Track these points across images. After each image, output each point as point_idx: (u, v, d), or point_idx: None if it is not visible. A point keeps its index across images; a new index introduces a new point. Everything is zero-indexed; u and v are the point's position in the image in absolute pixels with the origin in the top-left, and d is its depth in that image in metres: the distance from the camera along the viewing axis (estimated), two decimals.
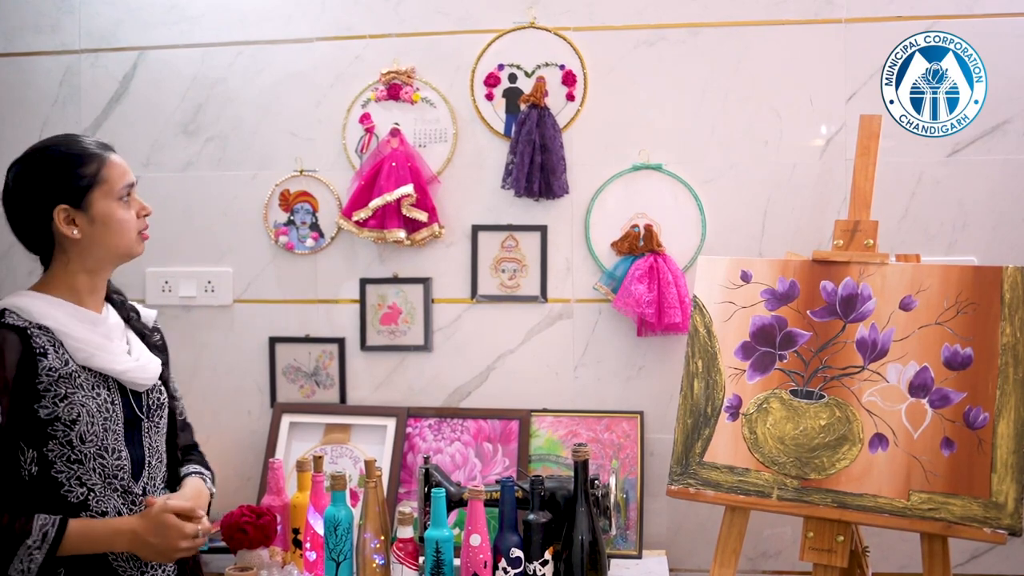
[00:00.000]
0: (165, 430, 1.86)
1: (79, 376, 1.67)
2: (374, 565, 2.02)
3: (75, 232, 1.69)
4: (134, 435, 1.75)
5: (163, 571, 1.79)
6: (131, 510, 1.73)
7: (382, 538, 2.03)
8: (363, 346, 2.67)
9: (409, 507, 2.05)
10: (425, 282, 2.64)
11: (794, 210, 2.51)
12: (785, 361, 2.09)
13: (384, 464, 2.53)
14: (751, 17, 2.52)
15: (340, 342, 2.67)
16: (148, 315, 1.93)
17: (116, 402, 1.72)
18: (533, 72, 2.58)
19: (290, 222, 2.68)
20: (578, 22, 2.57)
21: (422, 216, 2.55)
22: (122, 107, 2.77)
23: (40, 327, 1.65)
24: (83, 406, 1.65)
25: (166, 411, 1.85)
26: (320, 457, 2.22)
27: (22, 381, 1.61)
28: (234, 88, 2.72)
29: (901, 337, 2.02)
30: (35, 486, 1.64)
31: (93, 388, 1.68)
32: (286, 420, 2.64)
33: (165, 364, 1.91)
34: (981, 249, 2.45)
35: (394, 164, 2.55)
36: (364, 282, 2.67)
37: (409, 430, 2.60)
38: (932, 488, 1.93)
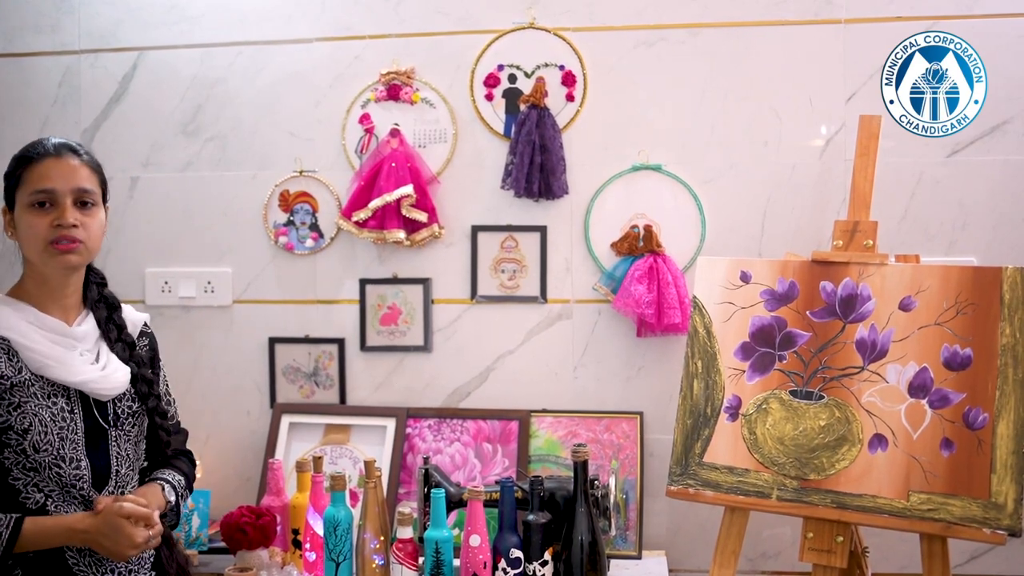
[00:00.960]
0: (140, 438, 1.83)
1: (33, 385, 1.65)
2: (373, 565, 2.03)
3: (11, 234, 1.71)
4: (99, 444, 1.73)
5: (127, 570, 1.76)
6: None
7: (382, 538, 2.03)
8: (363, 347, 2.67)
9: (409, 507, 2.05)
10: (425, 282, 2.64)
11: (794, 210, 2.51)
12: (785, 362, 2.09)
13: (384, 465, 2.53)
14: (751, 17, 2.52)
15: (340, 342, 2.67)
16: (136, 321, 1.88)
17: (76, 411, 1.70)
18: (533, 72, 2.58)
19: (290, 222, 2.68)
20: (578, 22, 2.57)
21: (422, 217, 2.55)
22: (122, 107, 2.77)
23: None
24: (35, 415, 1.64)
25: (139, 420, 1.81)
26: (320, 458, 2.23)
27: None
28: (234, 88, 2.72)
29: (901, 338, 2.02)
30: None
31: (48, 397, 1.66)
32: (286, 420, 2.64)
33: (155, 373, 1.89)
34: (981, 249, 2.45)
35: (394, 164, 2.55)
36: (364, 282, 2.67)
37: (409, 431, 2.60)
38: (931, 489, 1.93)
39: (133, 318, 1.88)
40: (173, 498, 1.85)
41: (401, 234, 2.55)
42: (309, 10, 2.68)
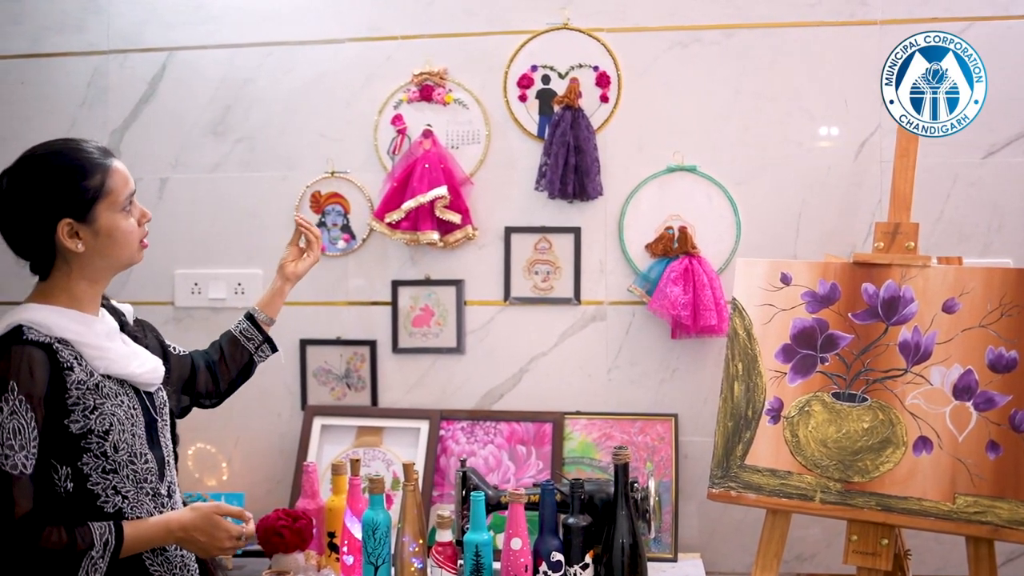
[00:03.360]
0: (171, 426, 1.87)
1: (104, 386, 1.65)
2: (413, 569, 2.01)
3: (79, 246, 1.65)
4: (154, 436, 1.75)
5: (189, 571, 1.79)
6: (161, 512, 1.74)
7: (420, 542, 2.02)
8: (395, 348, 2.66)
9: (447, 510, 2.04)
10: (457, 284, 2.63)
11: (829, 212, 2.51)
12: (827, 364, 2.09)
13: (417, 467, 2.52)
14: (785, 18, 2.51)
15: (372, 344, 2.66)
16: (128, 312, 1.88)
17: (136, 406, 1.71)
18: (567, 73, 2.57)
19: (321, 223, 2.67)
20: (612, 23, 2.56)
21: (455, 218, 2.54)
22: (151, 108, 2.76)
23: (61, 340, 1.62)
24: (113, 415, 1.64)
25: (169, 407, 1.85)
26: (357, 460, 2.21)
27: (51, 398, 1.58)
28: (263, 89, 2.71)
29: (944, 340, 2.01)
30: (71, 502, 1.63)
31: (116, 396, 1.67)
32: (317, 423, 2.63)
33: (160, 343, 1.94)
34: (1017, 251, 2.44)
35: (427, 166, 2.54)
36: (396, 284, 2.66)
37: (442, 433, 2.59)
38: (978, 491, 1.92)
39: (125, 309, 1.88)
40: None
41: (435, 235, 2.54)
42: (339, 10, 2.67)
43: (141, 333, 1.87)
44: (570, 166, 2.50)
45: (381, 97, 2.65)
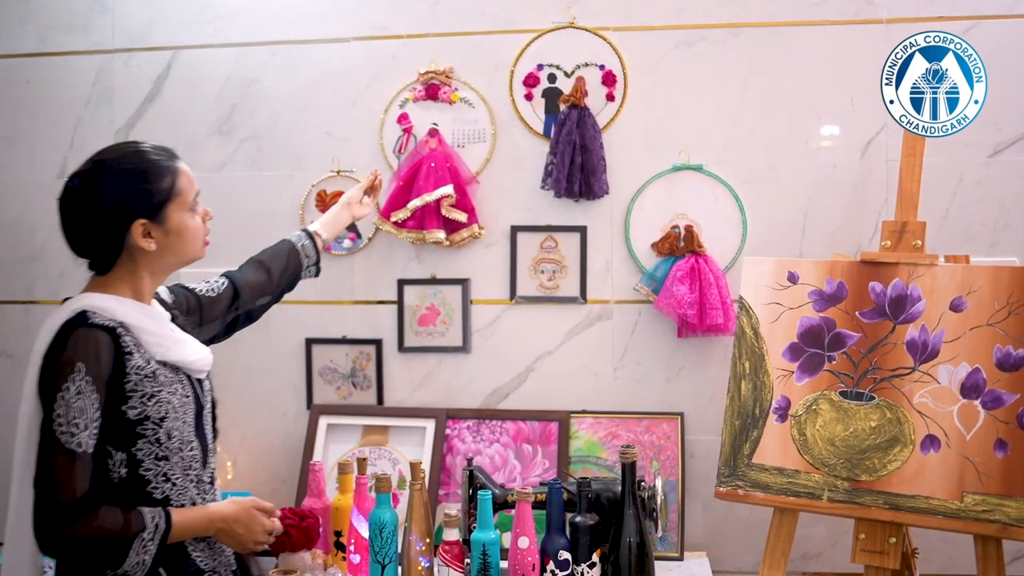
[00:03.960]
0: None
1: (160, 374, 1.68)
2: (420, 568, 2.01)
3: (151, 244, 1.70)
4: (200, 423, 1.77)
5: (226, 557, 1.82)
6: (204, 499, 1.77)
7: (427, 540, 2.02)
8: (401, 347, 2.66)
9: (454, 509, 2.04)
10: (463, 283, 2.63)
11: (835, 211, 2.51)
12: (834, 362, 2.09)
13: (424, 466, 2.52)
14: (791, 17, 2.51)
15: (377, 343, 2.66)
16: (166, 296, 1.91)
17: (189, 393, 1.74)
18: (572, 72, 2.57)
19: None
20: (618, 22, 2.56)
21: (462, 217, 2.55)
22: (156, 107, 2.76)
23: (122, 325, 1.65)
24: (168, 402, 1.67)
25: (212, 396, 1.87)
26: (363, 459, 2.21)
27: (113, 382, 1.62)
28: (269, 88, 2.71)
29: (952, 338, 2.01)
30: (123, 487, 1.66)
31: (171, 383, 1.70)
32: (323, 422, 2.63)
33: (198, 300, 2.00)
34: (1023, 249, 2.44)
35: (433, 164, 2.54)
36: (402, 283, 2.66)
37: (448, 432, 2.59)
38: (986, 490, 1.92)
39: (164, 295, 1.91)
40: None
41: (441, 234, 2.54)
42: (344, 9, 2.67)
43: (180, 312, 1.90)
44: (576, 165, 2.50)
45: (387, 96, 2.65)
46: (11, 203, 2.84)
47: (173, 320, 1.81)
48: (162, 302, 1.85)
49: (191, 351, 1.77)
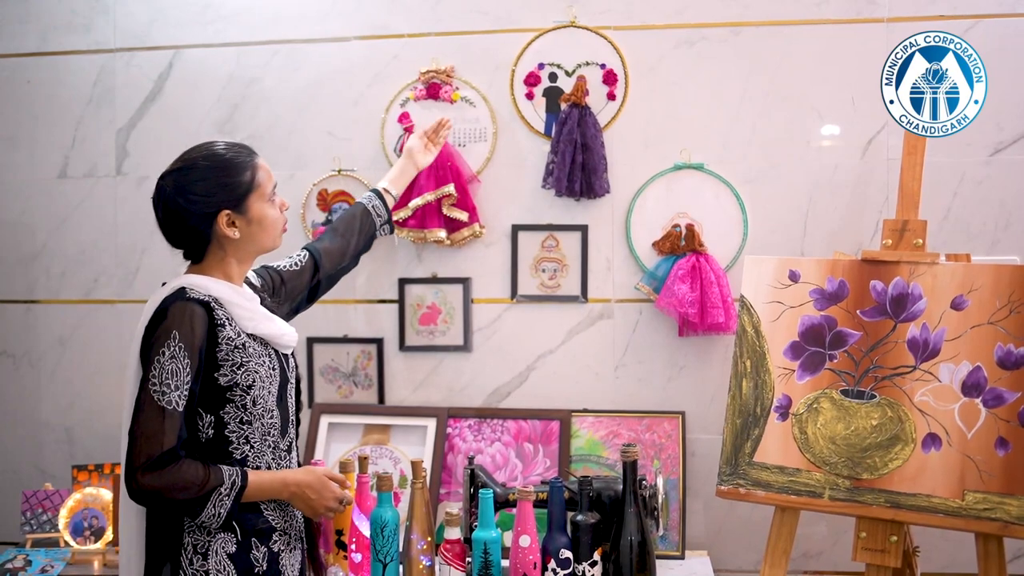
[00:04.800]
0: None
1: (250, 345, 1.83)
2: (421, 566, 2.02)
3: (235, 233, 1.85)
4: (283, 395, 1.91)
5: (296, 521, 1.94)
6: (279, 465, 1.90)
7: (429, 539, 2.02)
8: (402, 346, 2.66)
9: (455, 508, 2.04)
10: (464, 282, 2.63)
11: (836, 210, 2.51)
12: (835, 361, 2.09)
13: (425, 465, 2.52)
14: (792, 16, 2.51)
15: (378, 342, 2.66)
16: (255, 280, 2.05)
17: (276, 366, 1.88)
18: (574, 71, 2.57)
19: (328, 222, 2.67)
20: (619, 21, 2.56)
21: (463, 216, 2.55)
22: (157, 106, 2.77)
23: (216, 301, 1.81)
24: (256, 372, 1.82)
25: (296, 373, 2.00)
26: (365, 458, 2.21)
27: (207, 351, 1.78)
28: (270, 87, 2.72)
29: (953, 337, 2.01)
30: (209, 446, 1.81)
31: (260, 356, 1.84)
32: (324, 421, 2.63)
33: (280, 277, 2.14)
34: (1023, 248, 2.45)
35: (434, 163, 2.54)
36: (403, 282, 2.66)
37: (449, 431, 2.59)
38: (987, 488, 1.92)
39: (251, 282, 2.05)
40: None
41: (442, 233, 2.54)
42: (345, 9, 2.67)
43: (268, 293, 2.05)
44: (577, 164, 2.51)
45: (388, 95, 2.65)
46: (12, 203, 2.84)
47: (262, 303, 1.95)
48: (252, 286, 1.99)
49: (278, 327, 1.91)
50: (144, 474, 1.72)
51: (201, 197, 1.82)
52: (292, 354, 1.99)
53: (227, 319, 1.81)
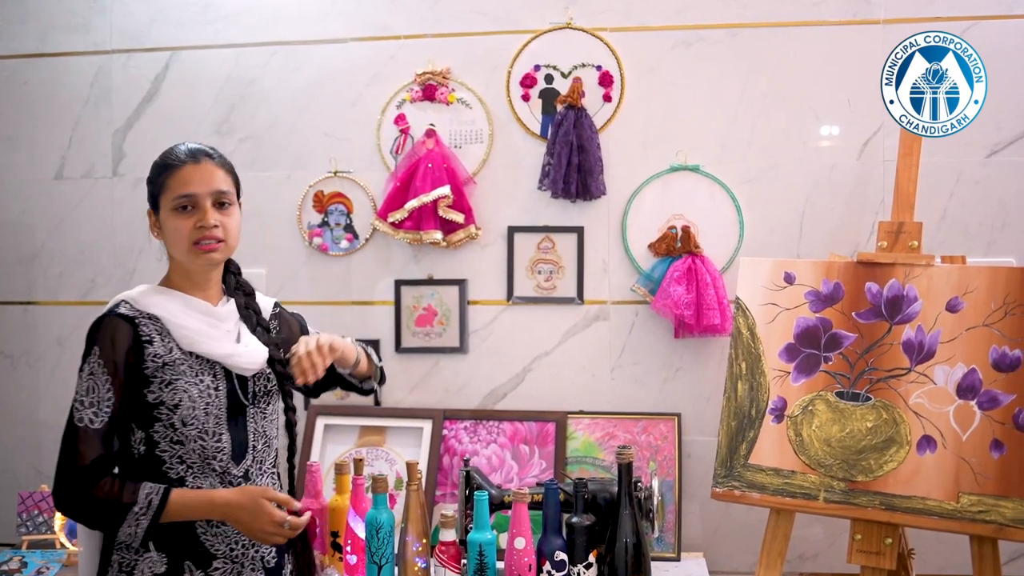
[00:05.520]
0: (275, 417, 1.93)
1: (183, 363, 1.76)
2: (416, 568, 2.01)
3: (156, 235, 1.83)
4: (238, 420, 1.83)
5: (254, 550, 1.83)
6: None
7: (424, 541, 2.02)
8: (398, 348, 2.66)
9: (451, 510, 2.04)
10: (461, 284, 2.63)
11: (832, 211, 2.51)
12: (830, 363, 2.09)
13: (421, 467, 2.52)
14: (789, 18, 2.51)
15: (375, 344, 2.66)
16: (266, 307, 1.98)
17: (220, 388, 1.80)
18: (570, 73, 2.57)
19: (324, 223, 2.67)
20: (615, 23, 2.56)
21: (459, 217, 2.55)
22: (154, 107, 2.77)
23: (149, 316, 1.77)
24: (185, 392, 1.75)
25: (274, 399, 1.91)
26: (360, 460, 2.21)
27: (132, 367, 1.73)
28: (268, 88, 2.72)
29: (948, 339, 2.01)
30: (142, 463, 1.76)
31: (197, 375, 1.77)
32: (320, 422, 2.63)
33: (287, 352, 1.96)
34: (1021, 249, 2.44)
35: (430, 165, 2.54)
36: (399, 283, 2.66)
37: (445, 432, 2.59)
38: (982, 490, 1.92)
39: (264, 305, 1.98)
40: (371, 351, 2.07)
41: (438, 235, 2.54)
42: (344, 10, 2.68)
43: (277, 325, 1.98)
44: (573, 165, 2.51)
45: (384, 97, 2.65)
46: (10, 203, 2.85)
47: (258, 327, 1.89)
48: (246, 307, 1.90)
49: (228, 348, 1.81)
50: (61, 492, 1.70)
51: (147, 193, 1.83)
52: (269, 376, 1.86)
53: (157, 334, 1.76)
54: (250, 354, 1.84)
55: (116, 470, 1.76)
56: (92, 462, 1.70)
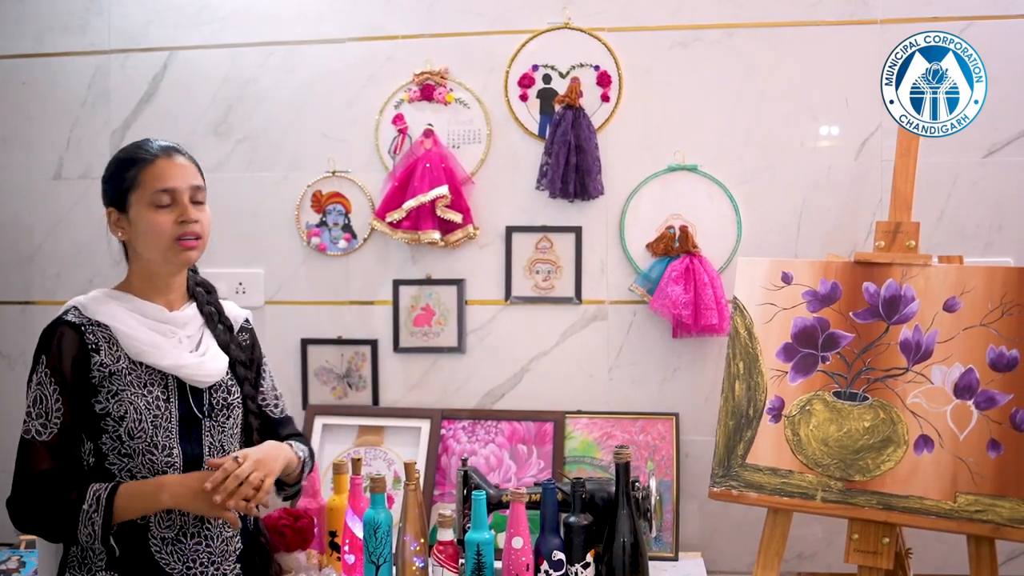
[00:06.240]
0: (236, 430, 1.87)
1: (130, 374, 1.72)
2: (414, 568, 2.01)
3: (120, 235, 1.77)
4: (192, 433, 1.78)
5: (213, 568, 1.78)
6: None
7: (422, 541, 2.02)
8: (396, 348, 2.66)
9: (448, 509, 2.04)
10: (459, 283, 2.63)
11: (830, 211, 2.51)
12: (828, 363, 2.09)
13: (419, 467, 2.52)
14: (786, 18, 2.51)
15: (373, 344, 2.66)
16: (237, 316, 1.96)
17: (171, 400, 1.75)
18: (568, 73, 2.57)
19: (322, 223, 2.68)
20: (613, 23, 2.56)
21: (457, 217, 2.55)
22: (152, 108, 2.77)
23: (97, 324, 1.72)
24: (131, 403, 1.71)
25: (234, 412, 1.86)
26: (358, 460, 2.21)
27: (79, 376, 1.70)
28: (265, 88, 2.72)
29: (945, 339, 2.01)
30: (92, 476, 1.73)
31: (144, 386, 1.73)
32: (318, 422, 2.63)
33: (247, 364, 1.93)
34: (1018, 250, 2.44)
35: (428, 165, 2.54)
36: (397, 283, 2.66)
37: (443, 432, 2.59)
38: (979, 490, 1.92)
39: (234, 313, 1.96)
40: (304, 456, 1.97)
41: (436, 235, 2.54)
42: (341, 10, 2.67)
43: (248, 339, 1.96)
44: (571, 165, 2.51)
45: (382, 97, 2.65)
46: (8, 203, 2.84)
47: (221, 339, 1.85)
48: (210, 315, 1.87)
49: (176, 356, 1.76)
50: (15, 501, 1.69)
51: (103, 191, 1.78)
52: (230, 389, 1.83)
53: (105, 343, 1.72)
54: (205, 365, 1.79)
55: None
56: (41, 474, 1.67)
